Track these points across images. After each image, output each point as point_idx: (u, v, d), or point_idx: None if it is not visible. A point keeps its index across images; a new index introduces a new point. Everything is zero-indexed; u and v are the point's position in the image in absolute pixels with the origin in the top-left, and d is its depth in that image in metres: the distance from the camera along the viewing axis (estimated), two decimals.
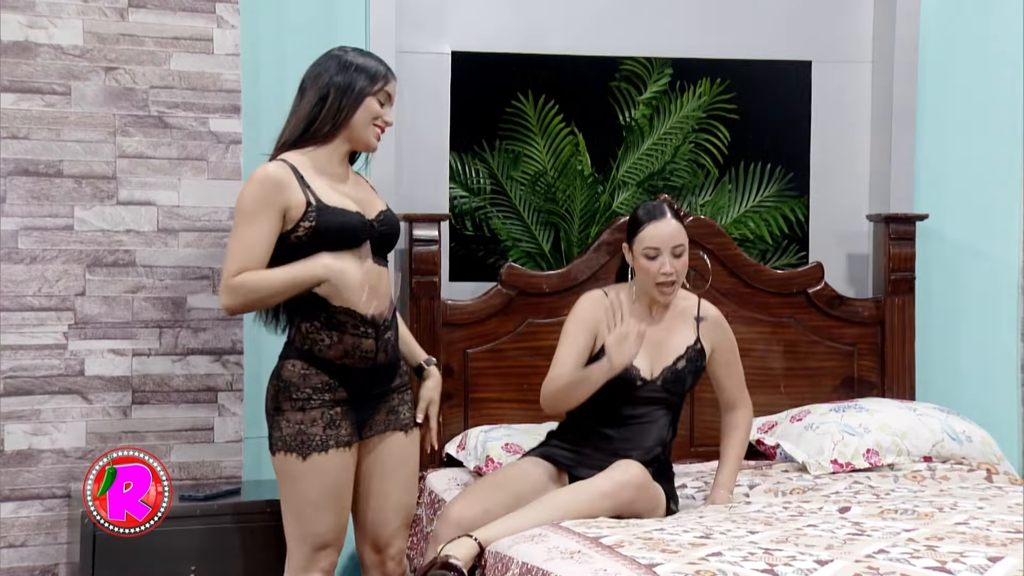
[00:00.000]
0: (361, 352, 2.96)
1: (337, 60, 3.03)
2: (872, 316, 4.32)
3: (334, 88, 2.98)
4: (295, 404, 2.95)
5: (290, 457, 2.94)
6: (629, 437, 3.29)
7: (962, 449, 3.90)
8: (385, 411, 3.06)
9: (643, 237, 3.28)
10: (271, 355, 3.96)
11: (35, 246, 3.59)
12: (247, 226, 2.89)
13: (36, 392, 3.58)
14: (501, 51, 4.27)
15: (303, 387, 2.95)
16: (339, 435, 2.94)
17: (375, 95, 3.00)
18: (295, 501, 2.97)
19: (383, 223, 3.04)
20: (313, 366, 2.96)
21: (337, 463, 2.94)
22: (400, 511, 3.12)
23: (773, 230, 4.45)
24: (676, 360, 3.33)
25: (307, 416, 2.93)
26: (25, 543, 3.58)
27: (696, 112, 4.39)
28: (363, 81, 2.98)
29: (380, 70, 3.02)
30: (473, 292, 4.13)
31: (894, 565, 2.40)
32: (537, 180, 4.30)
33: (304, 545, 2.98)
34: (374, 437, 3.06)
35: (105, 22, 3.64)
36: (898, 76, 4.40)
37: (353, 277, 2.85)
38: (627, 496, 3.06)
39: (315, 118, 2.99)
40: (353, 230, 2.94)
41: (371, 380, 3.01)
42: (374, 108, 3.00)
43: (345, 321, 2.93)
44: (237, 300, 2.90)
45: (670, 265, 3.26)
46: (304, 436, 2.93)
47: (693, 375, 3.35)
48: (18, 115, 3.57)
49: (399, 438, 3.09)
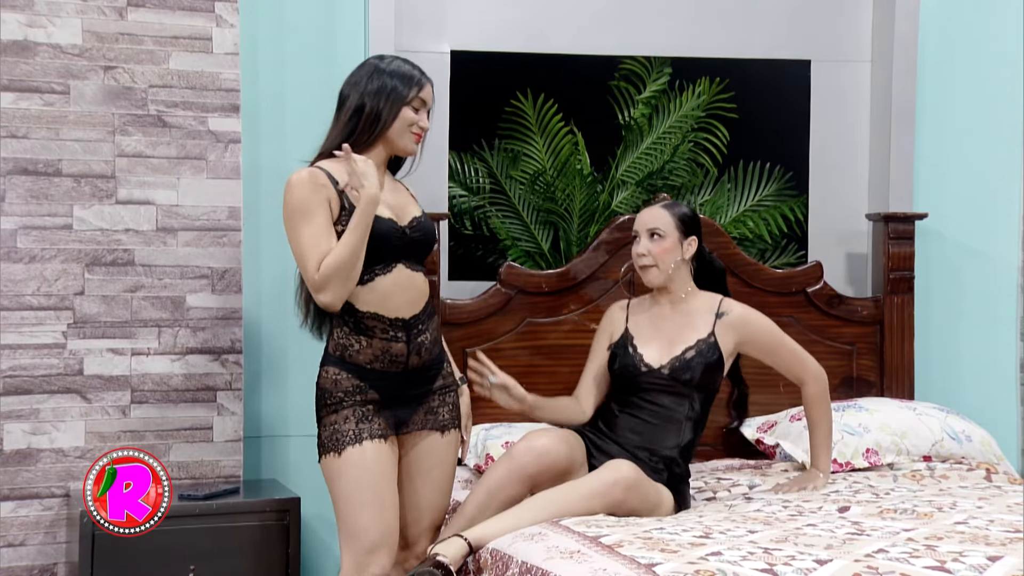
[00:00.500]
0: (391, 356, 2.97)
1: (372, 69, 3.04)
2: (871, 315, 4.32)
3: (370, 99, 3.00)
4: (330, 408, 2.98)
5: (329, 457, 2.96)
6: (642, 432, 3.30)
7: (962, 449, 3.90)
8: (424, 411, 3.07)
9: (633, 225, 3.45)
10: (270, 355, 3.99)
11: (34, 245, 3.59)
12: (306, 224, 2.91)
13: (35, 391, 3.58)
14: (500, 50, 4.27)
15: (335, 391, 2.97)
16: (372, 428, 2.95)
17: (410, 103, 3.02)
18: (339, 500, 2.97)
19: (416, 229, 3.04)
20: (344, 371, 2.97)
21: (372, 455, 2.94)
22: (431, 511, 3.12)
23: (772, 229, 4.45)
24: (685, 351, 3.36)
25: (340, 415, 2.96)
26: (24, 542, 3.58)
27: (695, 111, 4.39)
28: (398, 91, 3.00)
29: (414, 76, 3.04)
30: (472, 291, 4.13)
31: (893, 564, 2.40)
32: (536, 179, 4.29)
33: (353, 549, 2.96)
34: (411, 434, 3.06)
35: (104, 21, 3.64)
36: (897, 75, 4.40)
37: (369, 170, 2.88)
38: (618, 495, 3.06)
39: (352, 130, 3.01)
40: (384, 237, 2.95)
41: (405, 383, 3.02)
42: (409, 116, 3.02)
43: (374, 325, 2.95)
44: (333, 288, 2.88)
45: (643, 247, 3.36)
46: (339, 434, 2.95)
47: (704, 367, 3.34)
48: (17, 114, 3.57)
49: (436, 438, 3.09)
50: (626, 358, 3.38)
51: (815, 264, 4.30)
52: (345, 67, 3.99)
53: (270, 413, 3.98)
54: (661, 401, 3.33)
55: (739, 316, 3.42)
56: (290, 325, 3.95)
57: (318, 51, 4.02)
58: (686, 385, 3.33)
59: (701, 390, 3.36)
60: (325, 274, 2.87)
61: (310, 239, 2.90)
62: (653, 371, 3.34)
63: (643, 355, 3.37)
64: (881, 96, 4.46)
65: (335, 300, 2.91)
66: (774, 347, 3.46)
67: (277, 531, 3.53)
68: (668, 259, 3.36)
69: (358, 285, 2.94)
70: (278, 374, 3.99)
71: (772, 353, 3.46)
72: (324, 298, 2.90)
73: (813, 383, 3.47)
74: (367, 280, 2.95)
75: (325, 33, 4.02)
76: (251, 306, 3.90)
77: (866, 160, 4.52)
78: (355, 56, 4.02)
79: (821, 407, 3.48)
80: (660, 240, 3.35)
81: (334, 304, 2.91)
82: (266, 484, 3.85)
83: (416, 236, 3.04)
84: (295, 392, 3.96)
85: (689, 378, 3.33)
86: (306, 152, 3.91)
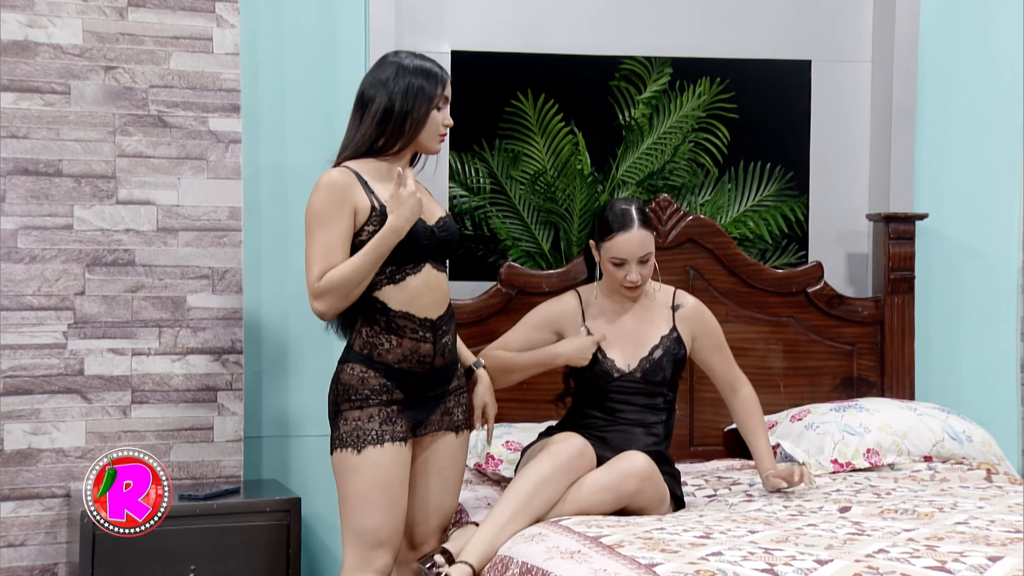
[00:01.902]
0: (419, 356, 2.98)
1: (396, 68, 3.01)
2: (872, 315, 4.32)
3: (399, 100, 2.97)
4: (354, 404, 2.96)
5: (346, 452, 2.95)
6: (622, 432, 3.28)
7: (962, 449, 3.90)
8: (440, 412, 3.07)
9: (610, 247, 3.28)
10: (271, 355, 3.99)
11: (34, 245, 3.59)
12: (322, 231, 2.91)
13: (36, 391, 3.58)
14: (501, 50, 4.27)
15: (362, 389, 2.96)
16: (395, 431, 2.96)
17: (437, 103, 3.01)
18: (349, 496, 2.96)
19: (443, 229, 3.05)
20: (371, 369, 2.97)
21: (391, 458, 2.94)
22: (439, 511, 3.12)
23: (773, 229, 4.45)
24: (652, 350, 3.34)
25: (364, 413, 2.95)
26: (25, 542, 3.58)
27: (696, 111, 4.39)
28: (424, 91, 2.98)
29: (439, 74, 3.02)
30: (472, 291, 4.13)
31: (894, 565, 2.40)
32: (537, 179, 4.29)
33: (358, 544, 2.97)
34: (427, 436, 3.07)
35: (104, 21, 3.64)
36: (898, 75, 4.40)
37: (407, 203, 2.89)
38: (631, 487, 3.05)
39: (380, 134, 2.99)
40: (415, 236, 2.95)
41: (428, 383, 3.02)
42: (436, 119, 3.01)
43: (404, 325, 2.96)
44: (329, 300, 2.90)
45: (636, 273, 3.28)
46: (361, 431, 2.94)
47: (672, 364, 3.33)
48: (18, 114, 3.57)
49: (450, 439, 3.10)
50: (597, 364, 3.31)
51: (815, 264, 4.30)
52: (345, 67, 4.03)
53: (271, 413, 3.98)
54: (635, 402, 3.32)
55: (693, 307, 3.40)
56: (291, 325, 3.96)
57: (318, 51, 4.02)
58: (658, 385, 3.33)
59: (673, 387, 3.38)
60: (325, 287, 2.89)
61: (322, 246, 2.90)
62: (625, 375, 3.32)
63: (614, 360, 3.32)
64: (882, 96, 4.46)
65: (328, 311, 2.92)
66: (719, 344, 3.43)
67: (277, 531, 3.53)
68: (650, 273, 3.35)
69: (390, 284, 2.95)
70: (279, 374, 3.99)
71: (716, 350, 3.42)
72: (318, 306, 2.91)
73: (748, 387, 3.44)
74: (399, 279, 2.95)
75: (325, 33, 4.02)
76: (252, 306, 3.90)
77: (866, 160, 4.52)
78: (356, 56, 4.02)
79: (759, 414, 3.44)
80: (647, 262, 3.30)
81: (326, 314, 2.93)
82: (267, 484, 3.85)
83: (444, 236, 3.04)
84: (296, 392, 3.96)
85: (661, 378, 3.32)
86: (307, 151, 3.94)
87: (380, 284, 2.95)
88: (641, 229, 3.26)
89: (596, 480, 3.07)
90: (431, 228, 3.01)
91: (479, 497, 3.51)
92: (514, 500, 3.00)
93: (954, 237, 4.51)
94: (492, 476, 3.73)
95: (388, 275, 2.95)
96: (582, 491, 3.05)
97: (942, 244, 4.49)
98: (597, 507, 3.04)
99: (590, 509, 3.03)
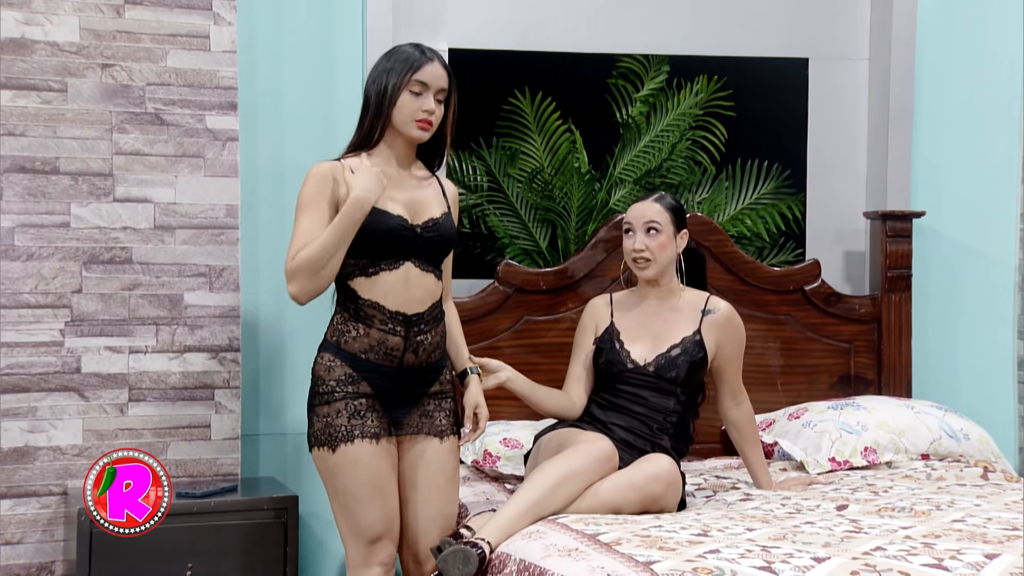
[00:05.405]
0: (386, 348, 2.94)
1: (380, 59, 3.02)
2: (869, 313, 4.32)
3: (371, 90, 2.99)
4: (322, 398, 2.95)
5: (322, 451, 2.94)
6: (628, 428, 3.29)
7: (960, 447, 3.91)
8: (418, 414, 3.03)
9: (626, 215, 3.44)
10: (268, 353, 3.98)
11: (31, 243, 3.58)
12: (305, 218, 2.91)
13: (33, 389, 3.58)
14: (498, 48, 4.27)
15: (328, 380, 2.95)
16: (364, 426, 2.92)
17: (407, 88, 2.96)
18: (338, 496, 2.96)
19: (430, 230, 3.01)
20: (338, 358, 2.95)
21: (368, 452, 2.92)
22: (439, 520, 3.06)
23: (770, 227, 4.45)
24: (671, 348, 3.36)
25: (332, 408, 2.93)
26: (22, 540, 3.57)
27: (693, 109, 4.39)
28: (392, 78, 2.96)
29: (411, 56, 2.98)
30: (470, 289, 4.13)
31: (891, 562, 2.40)
32: (534, 177, 4.29)
33: (358, 541, 2.96)
34: (407, 437, 3.03)
35: (101, 19, 3.63)
36: (895, 73, 4.40)
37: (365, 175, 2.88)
38: (658, 490, 3.05)
39: (364, 121, 3.01)
40: (391, 233, 2.93)
41: (399, 380, 2.98)
42: (408, 103, 2.97)
43: (373, 315, 2.94)
44: (299, 281, 2.87)
45: (640, 241, 3.35)
46: (331, 428, 2.92)
47: (689, 365, 3.34)
48: (14, 112, 3.56)
49: (435, 445, 3.05)
50: (612, 353, 3.37)
51: (813, 262, 4.30)
52: (343, 65, 4.03)
53: (268, 411, 3.98)
54: (644, 396, 3.33)
55: (724, 314, 3.41)
56: (287, 323, 3.96)
57: (316, 49, 4.02)
58: (671, 383, 3.33)
59: (686, 387, 3.36)
60: (294, 266, 2.87)
61: (302, 231, 2.90)
62: (639, 368, 3.35)
63: (630, 351, 3.37)
64: (879, 94, 4.46)
65: (300, 293, 2.88)
66: (736, 356, 3.45)
67: (275, 529, 3.53)
68: (664, 254, 3.36)
69: (363, 276, 2.93)
70: (276, 372, 3.98)
71: (731, 361, 3.44)
72: (291, 288, 2.88)
73: (748, 403, 3.47)
74: (372, 273, 2.94)
75: (323, 31, 4.01)
76: (249, 304, 3.90)
77: (864, 158, 4.52)
78: (353, 54, 4.02)
79: (756, 431, 3.49)
80: (656, 235, 3.35)
81: (299, 297, 2.89)
82: (264, 482, 3.85)
83: (430, 236, 3.00)
84: (293, 390, 3.96)
85: (674, 376, 3.33)
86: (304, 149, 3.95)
87: (353, 274, 2.94)
88: (653, 202, 3.38)
89: (622, 479, 3.06)
90: (413, 227, 2.98)
91: (477, 493, 3.52)
92: (539, 488, 2.98)
93: (951, 235, 4.51)
94: (490, 473, 3.74)
95: (361, 267, 2.94)
96: (605, 488, 3.03)
97: (939, 242, 4.49)
98: (621, 505, 3.02)
99: (613, 506, 3.02)
